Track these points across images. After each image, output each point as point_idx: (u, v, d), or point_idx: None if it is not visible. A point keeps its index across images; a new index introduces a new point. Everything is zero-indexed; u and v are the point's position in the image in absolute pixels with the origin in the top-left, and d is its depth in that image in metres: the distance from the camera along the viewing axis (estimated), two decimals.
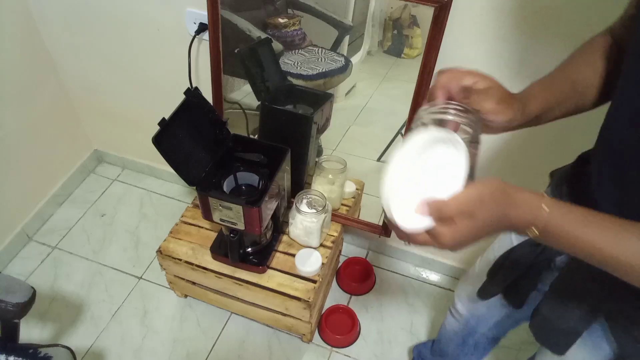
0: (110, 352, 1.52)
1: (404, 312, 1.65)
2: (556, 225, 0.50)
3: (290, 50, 1.35)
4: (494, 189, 0.52)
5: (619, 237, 0.49)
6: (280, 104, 1.40)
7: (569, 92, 0.66)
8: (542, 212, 0.50)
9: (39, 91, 1.69)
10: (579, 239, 0.50)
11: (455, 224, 0.51)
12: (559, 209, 0.51)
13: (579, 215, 0.51)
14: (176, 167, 1.14)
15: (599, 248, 0.49)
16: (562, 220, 0.50)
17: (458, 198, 0.52)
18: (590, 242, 0.49)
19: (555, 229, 0.51)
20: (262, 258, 1.37)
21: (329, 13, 1.28)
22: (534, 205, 0.51)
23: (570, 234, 0.50)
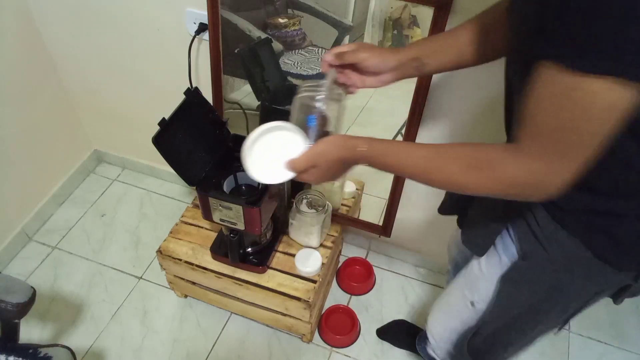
0: (110, 352, 1.52)
1: (404, 312, 1.65)
2: (374, 160, 0.74)
3: (290, 50, 1.35)
4: (330, 144, 0.77)
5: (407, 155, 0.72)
6: (280, 104, 1.40)
7: (444, 44, 0.82)
8: (361, 151, 0.74)
9: (39, 91, 1.69)
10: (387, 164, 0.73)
11: (307, 172, 0.80)
12: (377, 149, 0.74)
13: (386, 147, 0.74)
14: (176, 167, 1.14)
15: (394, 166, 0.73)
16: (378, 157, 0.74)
17: (302, 156, 0.79)
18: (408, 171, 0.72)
19: (375, 162, 0.74)
20: (262, 258, 1.37)
21: (329, 13, 1.28)
22: (355, 149, 0.74)
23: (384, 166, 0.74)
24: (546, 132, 0.56)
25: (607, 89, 0.50)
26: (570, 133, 0.54)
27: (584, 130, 0.53)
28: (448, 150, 0.68)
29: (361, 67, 0.83)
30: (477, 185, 0.65)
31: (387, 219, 1.48)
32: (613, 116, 0.52)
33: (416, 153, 0.71)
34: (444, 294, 1.04)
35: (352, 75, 0.86)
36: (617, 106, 0.51)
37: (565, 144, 0.55)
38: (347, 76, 0.86)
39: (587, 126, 0.53)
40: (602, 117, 0.52)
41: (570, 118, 0.53)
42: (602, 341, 1.59)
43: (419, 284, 1.73)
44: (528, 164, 0.58)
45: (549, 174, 0.58)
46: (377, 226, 1.51)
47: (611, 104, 0.51)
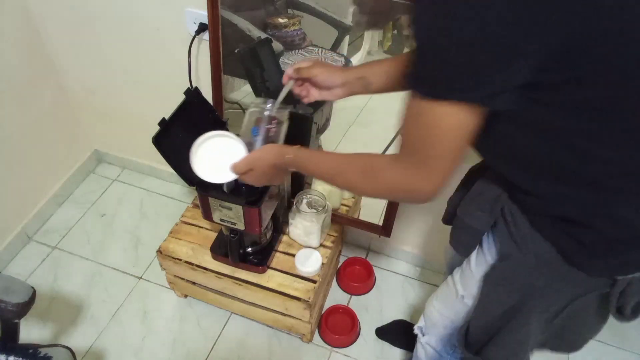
0: (110, 352, 1.52)
1: (404, 312, 1.65)
2: (298, 165, 0.88)
3: (290, 50, 1.35)
4: (265, 151, 0.95)
5: (321, 162, 0.86)
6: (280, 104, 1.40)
7: (387, 68, 0.95)
8: (289, 158, 0.88)
9: (39, 91, 1.69)
10: (312, 172, 0.88)
11: (247, 174, 0.98)
12: (300, 156, 0.88)
13: (313, 159, 0.87)
14: (176, 167, 1.14)
15: (324, 176, 0.86)
16: (300, 163, 0.88)
17: (242, 159, 0.98)
18: (320, 174, 0.87)
19: (299, 167, 0.89)
20: (262, 258, 1.37)
21: (329, 13, 1.28)
22: (283, 156, 0.89)
23: (305, 170, 0.89)
24: (410, 146, 0.67)
25: (446, 113, 0.60)
26: (428, 148, 0.65)
27: (437, 145, 0.64)
28: (349, 158, 0.80)
29: (314, 82, 0.98)
30: (369, 189, 0.78)
31: (387, 219, 1.48)
32: (459, 134, 0.62)
33: (328, 160, 0.85)
34: (443, 284, 1.09)
35: (311, 88, 1.00)
36: (460, 126, 0.61)
37: (425, 156, 0.66)
38: (306, 88, 1.01)
39: (439, 142, 0.63)
40: (449, 135, 0.62)
41: (424, 136, 0.64)
42: (602, 341, 1.59)
43: (419, 284, 1.73)
44: (401, 172, 0.69)
45: (418, 181, 0.68)
46: (377, 226, 1.51)
47: (454, 125, 0.61)
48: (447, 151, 0.64)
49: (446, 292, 1.05)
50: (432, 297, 1.13)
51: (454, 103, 0.58)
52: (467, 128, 0.61)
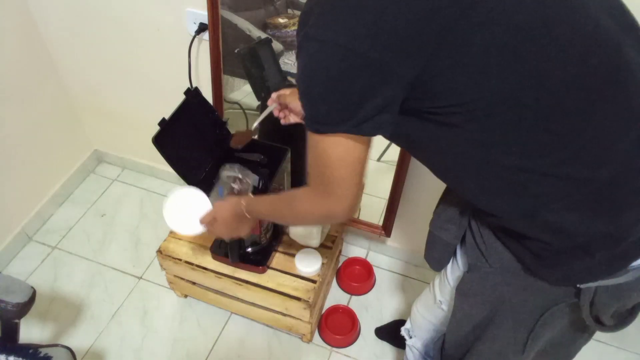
0: (110, 352, 1.52)
1: (404, 312, 1.65)
2: (249, 210, 0.97)
3: (290, 50, 1.35)
4: (224, 202, 1.04)
5: (263, 206, 0.95)
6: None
7: None
8: (243, 204, 0.98)
9: (39, 91, 1.69)
10: (261, 213, 0.98)
11: (212, 225, 1.07)
12: (249, 201, 0.98)
13: (259, 202, 0.97)
14: (176, 167, 1.14)
15: (268, 215, 0.98)
16: (251, 207, 0.97)
17: (206, 214, 1.09)
18: (266, 214, 0.97)
19: (251, 211, 0.98)
20: (262, 258, 1.37)
21: None
22: (239, 203, 0.98)
23: (257, 213, 0.98)
24: (315, 175, 0.74)
25: (331, 144, 0.67)
26: (328, 176, 0.71)
27: (334, 173, 0.70)
28: (279, 196, 0.92)
29: (290, 108, 1.12)
30: (297, 219, 0.93)
31: (387, 219, 1.48)
32: (350, 161, 0.69)
33: (268, 201, 0.95)
34: (426, 289, 1.12)
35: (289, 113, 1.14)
36: (347, 154, 0.68)
37: (328, 183, 0.72)
38: (284, 113, 1.14)
39: (335, 170, 0.70)
40: (342, 163, 0.69)
41: (321, 165, 0.71)
42: (602, 341, 1.59)
43: (419, 284, 1.73)
44: (314, 199, 0.77)
45: (328, 205, 0.75)
46: (377, 226, 1.51)
47: (341, 154, 0.67)
48: (346, 177, 0.70)
49: (427, 296, 1.08)
50: (416, 301, 1.15)
51: (333, 135, 0.66)
52: (355, 154, 0.68)
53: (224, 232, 1.06)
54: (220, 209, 1.04)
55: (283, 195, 0.91)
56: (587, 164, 0.64)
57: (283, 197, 0.90)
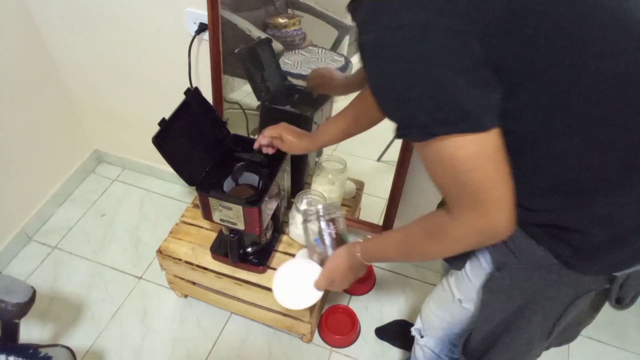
0: (110, 352, 1.52)
1: (404, 312, 1.65)
2: (369, 259, 0.90)
3: (290, 50, 1.35)
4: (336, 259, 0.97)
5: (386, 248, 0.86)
6: (280, 104, 1.40)
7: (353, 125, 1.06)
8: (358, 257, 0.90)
9: (39, 91, 1.69)
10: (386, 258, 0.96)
11: (332, 286, 1.02)
12: (366, 250, 0.90)
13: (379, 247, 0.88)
14: (176, 167, 1.14)
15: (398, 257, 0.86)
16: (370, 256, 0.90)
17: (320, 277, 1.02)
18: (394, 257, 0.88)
19: (370, 259, 0.91)
20: (262, 258, 1.37)
21: (329, 13, 1.28)
22: (354, 255, 0.91)
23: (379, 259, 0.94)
24: (453, 193, 0.63)
25: (454, 147, 0.57)
26: (465, 186, 0.60)
27: (471, 180, 0.59)
28: (409, 231, 0.78)
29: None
30: (444, 250, 0.74)
31: (387, 219, 1.48)
32: (486, 159, 0.58)
33: (392, 242, 0.84)
34: (438, 286, 1.09)
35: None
36: (476, 153, 0.58)
37: (469, 195, 0.61)
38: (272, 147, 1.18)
39: (471, 177, 0.59)
40: (476, 164, 0.59)
41: (455, 177, 0.60)
42: (602, 341, 1.59)
43: (419, 284, 1.73)
44: (465, 220, 0.65)
45: (487, 218, 0.63)
46: (377, 226, 1.51)
47: (469, 155, 0.58)
48: (493, 175, 0.60)
49: (442, 295, 1.05)
50: (428, 300, 1.13)
51: (454, 135, 0.57)
52: (488, 149, 0.58)
53: (345, 285, 1.01)
54: (335, 269, 0.97)
55: (413, 230, 0.77)
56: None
57: (416, 233, 0.76)
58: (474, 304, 0.94)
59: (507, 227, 0.64)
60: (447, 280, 1.02)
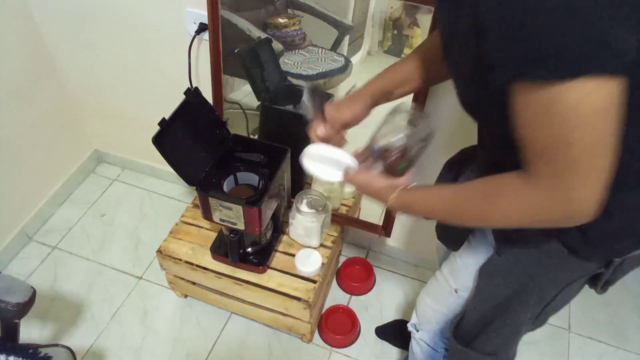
0: (110, 352, 1.52)
1: (404, 312, 1.65)
2: (400, 206, 0.76)
3: (290, 50, 1.35)
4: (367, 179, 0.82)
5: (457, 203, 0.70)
6: (280, 104, 1.40)
7: (400, 80, 0.90)
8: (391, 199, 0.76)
9: (39, 91, 1.69)
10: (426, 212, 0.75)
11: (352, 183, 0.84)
12: (405, 197, 0.75)
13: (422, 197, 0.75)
14: (176, 167, 1.14)
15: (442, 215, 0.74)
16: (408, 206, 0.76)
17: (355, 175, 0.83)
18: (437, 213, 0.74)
19: (406, 208, 0.77)
20: (262, 258, 1.37)
21: (329, 13, 1.28)
22: (387, 193, 0.77)
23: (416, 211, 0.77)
24: (545, 152, 0.54)
25: (583, 94, 0.48)
26: (569, 147, 0.51)
27: (581, 141, 0.50)
28: (467, 186, 0.68)
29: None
30: (502, 217, 0.63)
31: (387, 219, 1.48)
32: (604, 118, 0.49)
33: (438, 197, 0.73)
34: (432, 280, 1.08)
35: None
36: (603, 106, 0.49)
37: (569, 159, 0.52)
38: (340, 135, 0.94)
39: (583, 136, 0.50)
40: (593, 122, 0.49)
41: (560, 132, 0.51)
42: (602, 341, 1.59)
43: (419, 284, 1.73)
44: (543, 189, 0.56)
45: (567, 193, 0.54)
46: (377, 226, 1.51)
47: (596, 107, 0.48)
48: (597, 145, 0.51)
49: (436, 287, 1.05)
50: (422, 294, 1.12)
51: (591, 78, 0.46)
52: (614, 107, 0.49)
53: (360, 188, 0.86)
54: (367, 185, 0.82)
55: (470, 187, 0.67)
56: None
57: (473, 190, 0.66)
58: (469, 291, 0.93)
59: (590, 211, 0.55)
60: (441, 272, 1.02)
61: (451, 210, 0.70)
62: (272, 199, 1.26)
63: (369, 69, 1.37)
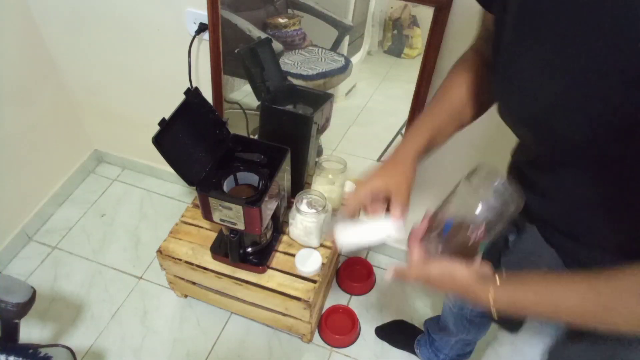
0: (110, 352, 1.52)
1: (404, 312, 1.65)
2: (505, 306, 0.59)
3: (290, 50, 1.35)
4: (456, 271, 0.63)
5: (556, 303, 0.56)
6: (280, 104, 1.40)
7: (448, 119, 0.75)
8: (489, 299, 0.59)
9: (39, 91, 1.69)
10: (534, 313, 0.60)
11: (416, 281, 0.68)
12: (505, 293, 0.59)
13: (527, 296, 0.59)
14: (176, 167, 1.14)
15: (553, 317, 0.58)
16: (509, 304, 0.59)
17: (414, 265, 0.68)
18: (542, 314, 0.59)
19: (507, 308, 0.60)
20: (262, 258, 1.37)
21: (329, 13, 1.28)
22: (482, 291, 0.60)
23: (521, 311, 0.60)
24: None
25: None
26: None
27: None
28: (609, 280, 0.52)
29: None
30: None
31: None
32: None
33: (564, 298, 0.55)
34: None
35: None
36: None
37: None
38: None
39: None
40: None
41: None
42: None
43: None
44: None
45: None
46: None
47: None
48: None
49: None
50: None
51: None
52: None
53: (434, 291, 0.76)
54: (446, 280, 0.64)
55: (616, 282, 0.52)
56: None
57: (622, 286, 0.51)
58: None
59: None
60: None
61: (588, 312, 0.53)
62: (272, 199, 1.26)
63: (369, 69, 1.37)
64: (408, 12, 1.18)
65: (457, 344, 1.35)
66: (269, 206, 1.26)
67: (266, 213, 1.24)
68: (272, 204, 1.28)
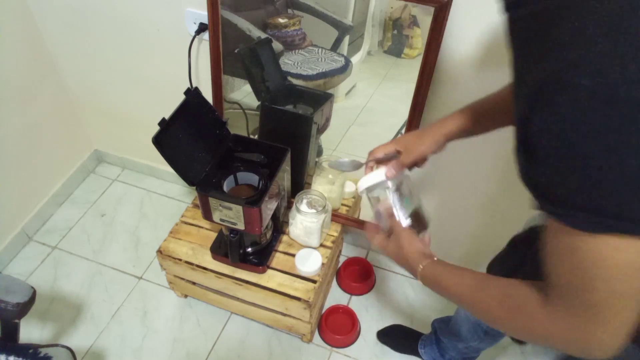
0: (110, 352, 1.52)
1: (404, 313, 1.65)
2: (427, 278, 0.75)
3: (290, 50, 1.35)
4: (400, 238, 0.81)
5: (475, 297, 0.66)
6: (280, 104, 1.40)
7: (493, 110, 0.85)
8: (419, 268, 0.75)
9: (39, 91, 1.69)
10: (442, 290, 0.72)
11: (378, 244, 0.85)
12: (432, 269, 0.74)
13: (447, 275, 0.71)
14: (176, 167, 1.14)
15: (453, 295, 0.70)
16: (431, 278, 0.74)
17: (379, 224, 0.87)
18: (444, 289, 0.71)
19: (427, 280, 0.75)
20: (262, 258, 1.37)
21: (329, 13, 1.28)
22: (415, 262, 0.76)
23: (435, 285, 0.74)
24: (565, 288, 0.50)
25: (613, 249, 0.44)
26: (591, 293, 0.47)
27: (604, 291, 0.47)
28: (490, 284, 0.64)
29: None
30: (512, 330, 0.62)
31: None
32: (634, 274, 0.45)
33: (463, 283, 0.68)
34: None
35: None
36: (635, 263, 0.45)
37: (588, 303, 0.48)
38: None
39: (606, 286, 0.46)
40: (621, 276, 0.46)
41: (584, 278, 0.47)
42: None
43: (419, 284, 1.72)
44: (558, 322, 0.52)
45: (582, 335, 0.51)
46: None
47: (625, 261, 0.45)
48: (623, 297, 0.47)
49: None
50: None
51: (620, 236, 0.44)
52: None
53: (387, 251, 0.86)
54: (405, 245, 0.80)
55: (494, 284, 0.63)
56: None
57: (494, 288, 0.63)
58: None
59: (605, 354, 0.51)
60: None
61: (470, 300, 0.66)
62: (272, 199, 1.26)
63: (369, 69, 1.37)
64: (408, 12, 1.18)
65: (465, 349, 1.33)
66: (269, 206, 1.26)
67: (266, 213, 1.24)
68: (272, 204, 1.28)
